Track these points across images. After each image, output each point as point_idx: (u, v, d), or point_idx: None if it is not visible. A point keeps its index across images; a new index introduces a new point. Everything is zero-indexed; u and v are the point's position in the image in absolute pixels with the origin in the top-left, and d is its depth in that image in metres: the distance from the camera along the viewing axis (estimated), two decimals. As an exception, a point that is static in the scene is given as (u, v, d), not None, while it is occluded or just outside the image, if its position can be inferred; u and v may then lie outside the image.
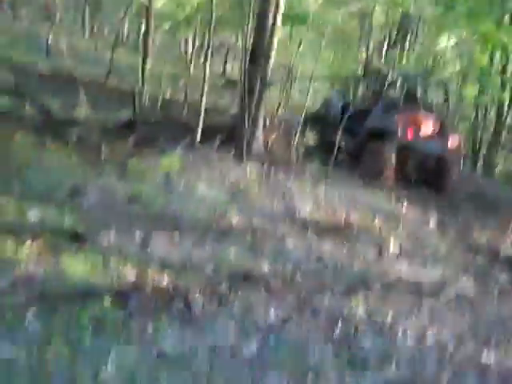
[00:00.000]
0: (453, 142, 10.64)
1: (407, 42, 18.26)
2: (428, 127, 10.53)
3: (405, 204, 8.34)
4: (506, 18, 14.78)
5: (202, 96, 9.83)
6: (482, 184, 12.23)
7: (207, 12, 10.03)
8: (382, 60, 16.87)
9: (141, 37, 13.23)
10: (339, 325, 4.38)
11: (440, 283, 5.53)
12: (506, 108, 17.16)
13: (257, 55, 9.83)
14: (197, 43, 15.44)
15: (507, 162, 18.67)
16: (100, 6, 22.86)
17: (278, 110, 11.52)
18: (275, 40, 9.76)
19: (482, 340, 4.52)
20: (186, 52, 14.38)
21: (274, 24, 9.63)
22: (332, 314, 4.56)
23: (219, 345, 3.87)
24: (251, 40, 10.10)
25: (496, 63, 16.58)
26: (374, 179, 9.66)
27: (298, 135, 10.07)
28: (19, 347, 3.51)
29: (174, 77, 13.62)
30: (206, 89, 9.88)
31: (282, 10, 9.72)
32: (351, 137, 10.54)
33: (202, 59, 10.12)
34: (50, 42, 15.64)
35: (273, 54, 9.81)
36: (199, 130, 9.41)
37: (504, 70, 16.65)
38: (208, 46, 10.38)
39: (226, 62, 19.66)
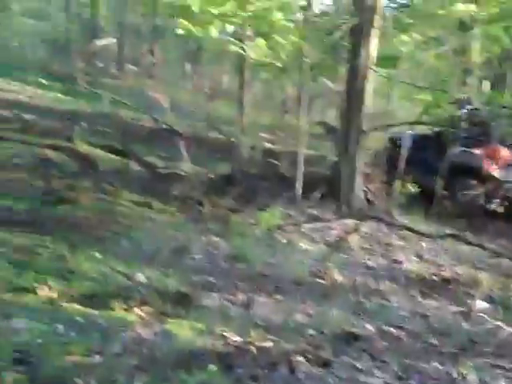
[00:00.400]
0: None
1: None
2: (505, 159, 10.51)
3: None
4: None
5: (299, 147, 9.89)
6: None
7: (301, 59, 10.09)
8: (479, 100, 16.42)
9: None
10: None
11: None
12: None
13: (352, 101, 9.78)
14: (293, 91, 15.50)
15: None
16: (200, 58, 23.68)
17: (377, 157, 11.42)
18: (368, 85, 9.64)
19: None
20: (284, 100, 14.53)
21: (365, 68, 9.52)
22: (440, 381, 4.42)
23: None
24: (346, 85, 10.07)
25: None
26: (471, 220, 9.68)
27: (398, 183, 9.95)
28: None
29: (272, 126, 13.82)
30: (302, 139, 9.94)
31: (373, 53, 9.62)
32: (423, 169, 10.69)
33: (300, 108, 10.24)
34: (152, 96, 16.22)
35: (367, 99, 9.69)
36: (299, 183, 9.43)
37: None
38: (301, 94, 10.46)
39: (324, 108, 19.65)
